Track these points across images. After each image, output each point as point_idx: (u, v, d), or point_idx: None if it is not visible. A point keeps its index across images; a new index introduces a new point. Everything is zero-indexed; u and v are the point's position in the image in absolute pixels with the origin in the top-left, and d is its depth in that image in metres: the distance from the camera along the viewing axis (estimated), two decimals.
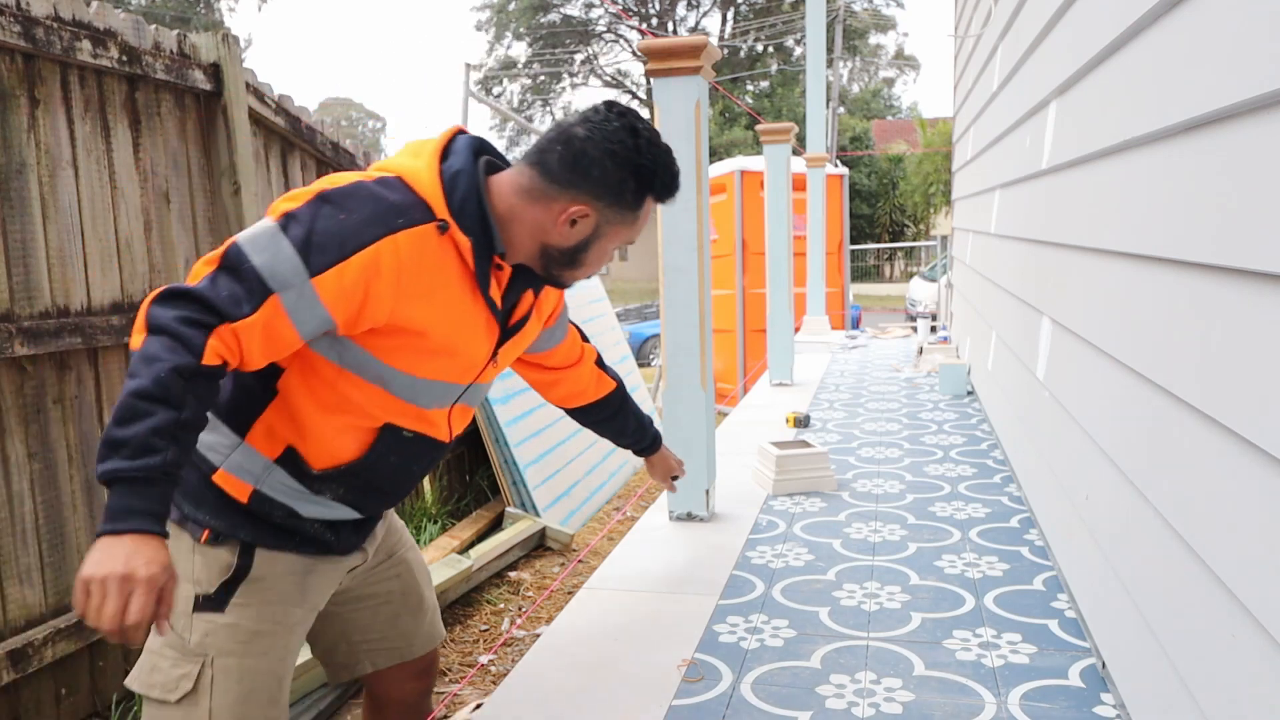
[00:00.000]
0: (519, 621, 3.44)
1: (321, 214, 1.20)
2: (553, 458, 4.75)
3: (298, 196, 1.24)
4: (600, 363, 1.87)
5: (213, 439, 1.33)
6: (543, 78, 32.95)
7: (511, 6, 31.66)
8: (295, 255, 1.18)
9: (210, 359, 1.14)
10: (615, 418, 1.95)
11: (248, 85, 3.19)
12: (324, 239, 1.19)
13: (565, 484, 4.78)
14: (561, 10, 32.06)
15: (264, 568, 1.35)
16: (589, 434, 5.30)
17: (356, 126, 45.55)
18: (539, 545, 4.25)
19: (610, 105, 1.36)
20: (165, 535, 1.10)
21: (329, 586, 1.47)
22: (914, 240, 25.19)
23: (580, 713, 1.81)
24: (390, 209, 1.23)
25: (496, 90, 32.42)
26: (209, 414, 1.26)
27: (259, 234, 1.20)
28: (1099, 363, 1.96)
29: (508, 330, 1.44)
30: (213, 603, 1.32)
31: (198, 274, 1.20)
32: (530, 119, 32.50)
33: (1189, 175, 1.43)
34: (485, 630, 3.41)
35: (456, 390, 1.42)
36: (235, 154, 3.11)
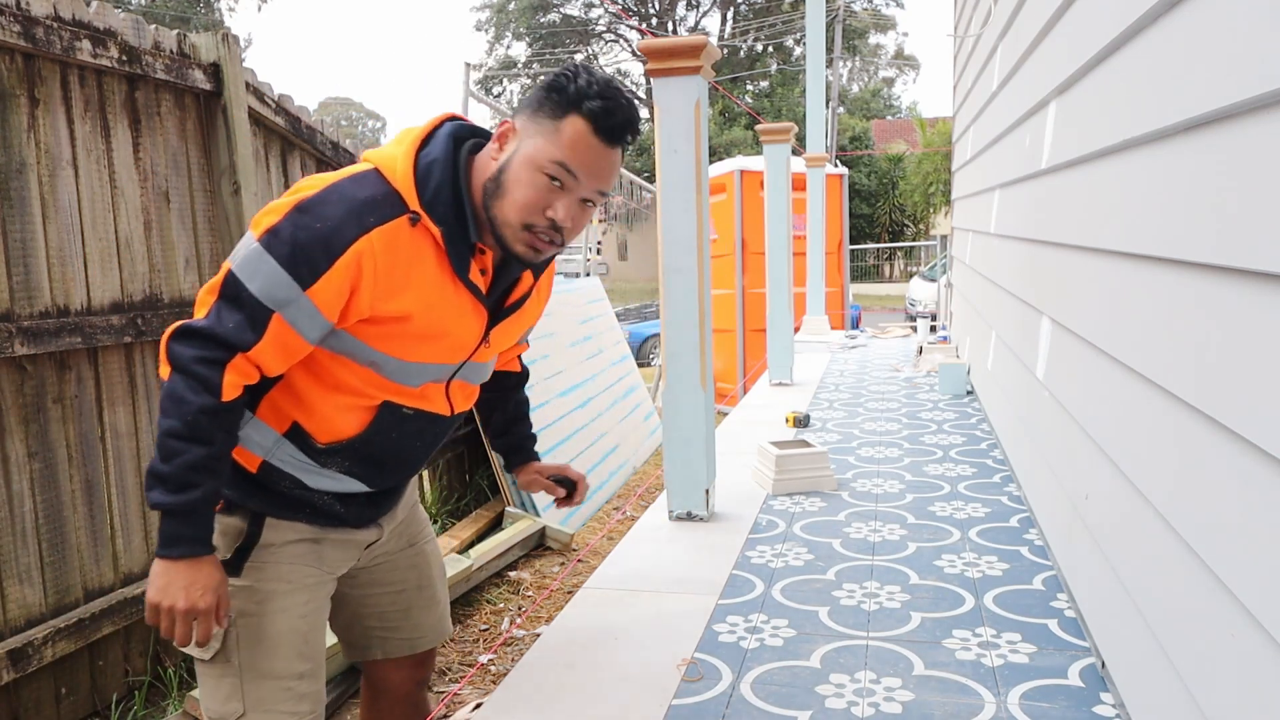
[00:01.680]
0: (519, 621, 3.44)
1: (300, 225, 1.24)
2: (552, 459, 4.75)
3: (277, 209, 1.26)
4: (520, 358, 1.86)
5: None
6: (543, 77, 32.92)
7: (511, 6, 31.66)
8: (285, 274, 1.23)
9: (230, 394, 1.24)
10: (505, 394, 1.84)
11: (248, 85, 3.19)
12: (307, 251, 1.23)
13: None
14: (561, 10, 32.07)
15: (274, 535, 1.42)
16: (588, 434, 5.29)
17: (356, 126, 45.58)
18: (539, 545, 4.25)
19: (582, 65, 1.38)
20: (213, 550, 1.28)
21: (345, 557, 1.53)
22: (914, 240, 25.19)
23: (580, 712, 1.81)
24: (362, 207, 1.26)
25: (496, 90, 32.42)
26: None
27: (248, 258, 1.25)
28: (1099, 363, 1.97)
29: (502, 311, 1.47)
30: (229, 567, 1.39)
31: (203, 304, 1.27)
32: None
33: (1189, 175, 1.43)
34: (485, 630, 3.41)
35: (448, 369, 1.45)
36: (235, 154, 3.10)
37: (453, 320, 1.38)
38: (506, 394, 1.84)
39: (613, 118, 1.29)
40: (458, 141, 1.36)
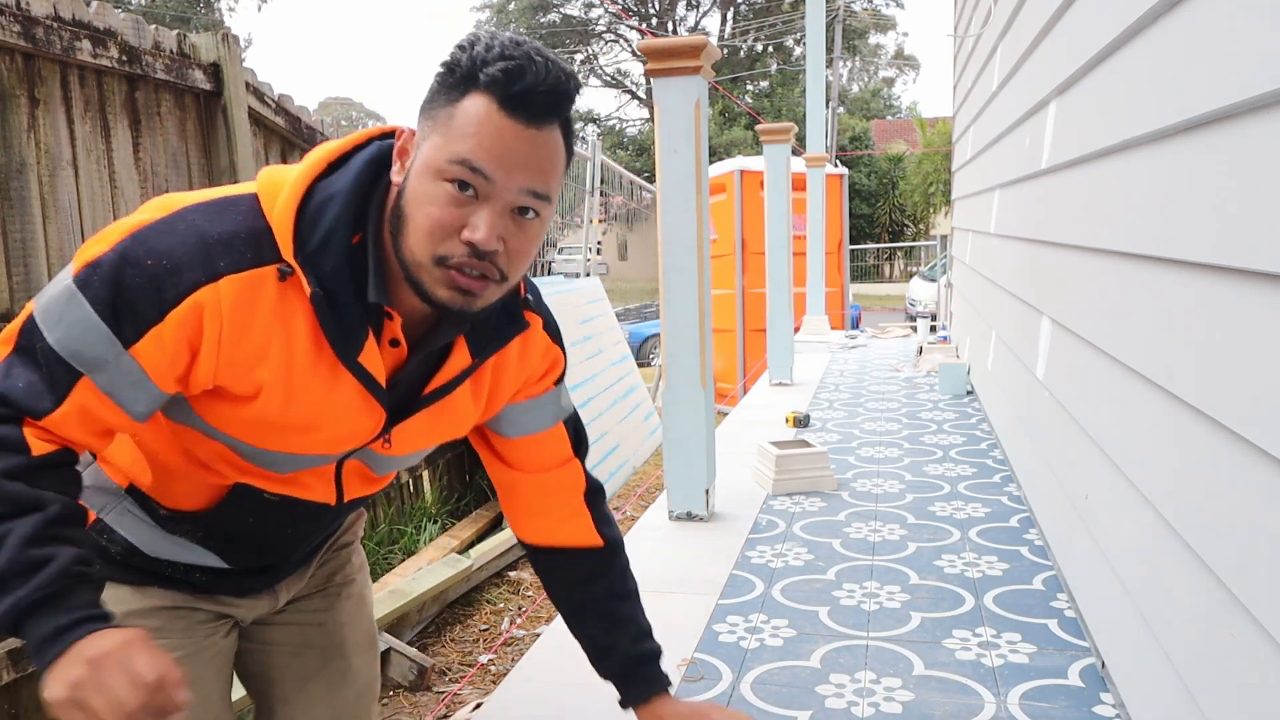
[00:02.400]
0: (519, 621, 3.44)
1: (129, 260, 0.90)
2: None
3: (107, 236, 0.93)
4: (593, 500, 1.27)
5: None
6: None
7: (511, 6, 31.68)
8: (101, 323, 0.89)
9: (40, 448, 0.90)
10: (584, 589, 1.26)
11: (247, 85, 3.19)
12: (135, 295, 0.89)
13: None
14: (561, 10, 32.08)
15: (114, 606, 1.04)
16: (589, 434, 5.30)
17: (356, 126, 45.55)
18: None
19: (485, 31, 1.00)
20: (110, 619, 0.87)
21: (227, 624, 1.20)
22: (914, 240, 25.20)
23: (579, 712, 1.81)
24: (214, 246, 0.92)
25: None
26: None
27: (54, 299, 0.91)
28: (1099, 363, 1.97)
29: (419, 400, 1.06)
30: None
31: (2, 349, 0.93)
32: None
33: (1189, 175, 1.43)
34: (485, 630, 3.41)
35: (330, 459, 1.09)
36: (235, 154, 3.10)
37: (324, 413, 1.00)
38: (589, 586, 1.26)
39: (521, 81, 0.89)
40: (383, 169, 0.98)
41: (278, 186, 0.96)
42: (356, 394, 1.01)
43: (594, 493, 1.28)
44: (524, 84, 0.89)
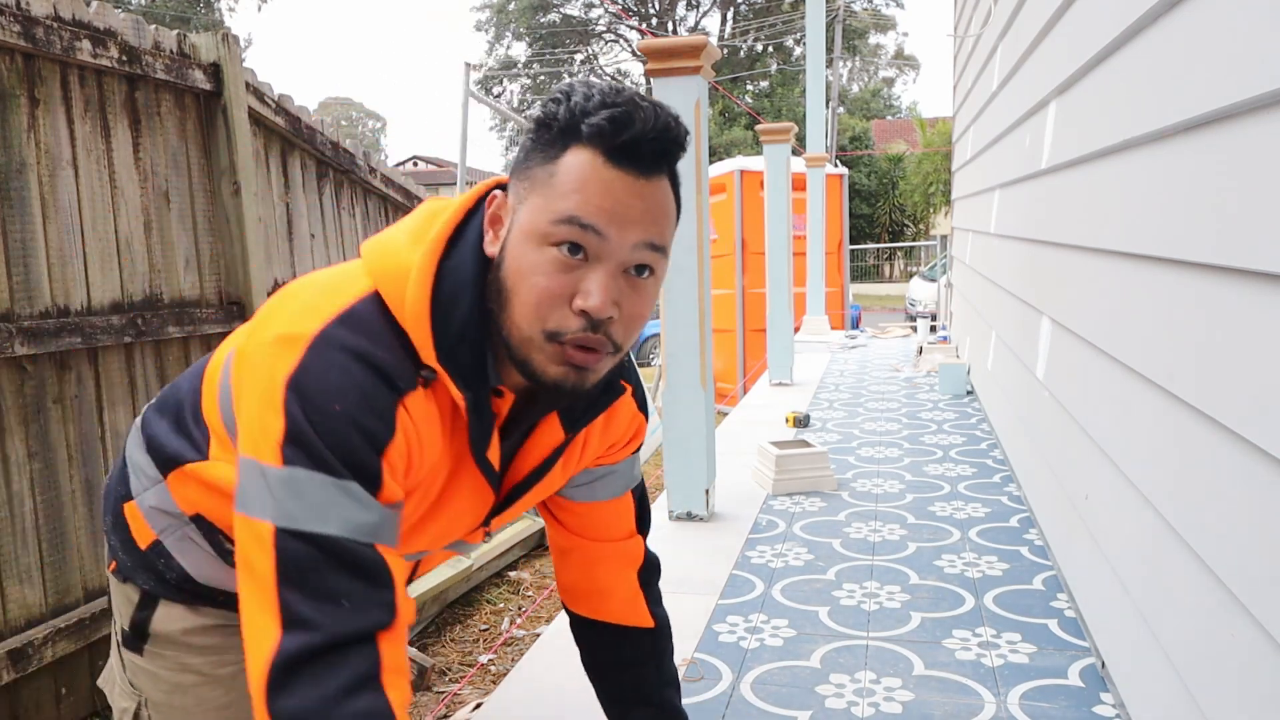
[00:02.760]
0: (519, 621, 3.44)
1: (316, 416, 0.80)
2: None
3: (268, 408, 0.81)
4: (647, 577, 1.24)
5: (142, 460, 1.06)
6: (543, 78, 32.99)
7: (511, 6, 31.68)
8: (355, 484, 0.81)
9: (401, 711, 0.81)
10: (631, 671, 1.24)
11: (248, 85, 3.19)
12: (349, 447, 0.81)
13: None
14: (561, 10, 32.10)
15: (169, 623, 1.06)
16: None
17: (356, 126, 45.60)
18: (539, 545, 4.26)
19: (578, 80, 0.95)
20: None
21: None
22: (914, 240, 25.20)
23: (579, 712, 1.81)
24: (383, 367, 0.84)
25: (496, 90, 32.44)
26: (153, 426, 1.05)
27: (285, 501, 0.80)
28: (1099, 363, 1.97)
29: (515, 489, 1.02)
30: (131, 642, 1.08)
31: (265, 621, 0.79)
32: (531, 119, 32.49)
33: (1189, 175, 1.43)
34: (485, 630, 3.41)
35: (418, 556, 1.07)
36: (235, 154, 3.10)
37: (448, 506, 0.96)
38: (636, 668, 1.23)
39: (629, 129, 0.82)
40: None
41: (399, 275, 0.86)
42: (472, 480, 0.95)
43: (650, 569, 1.23)
44: (632, 132, 0.82)
